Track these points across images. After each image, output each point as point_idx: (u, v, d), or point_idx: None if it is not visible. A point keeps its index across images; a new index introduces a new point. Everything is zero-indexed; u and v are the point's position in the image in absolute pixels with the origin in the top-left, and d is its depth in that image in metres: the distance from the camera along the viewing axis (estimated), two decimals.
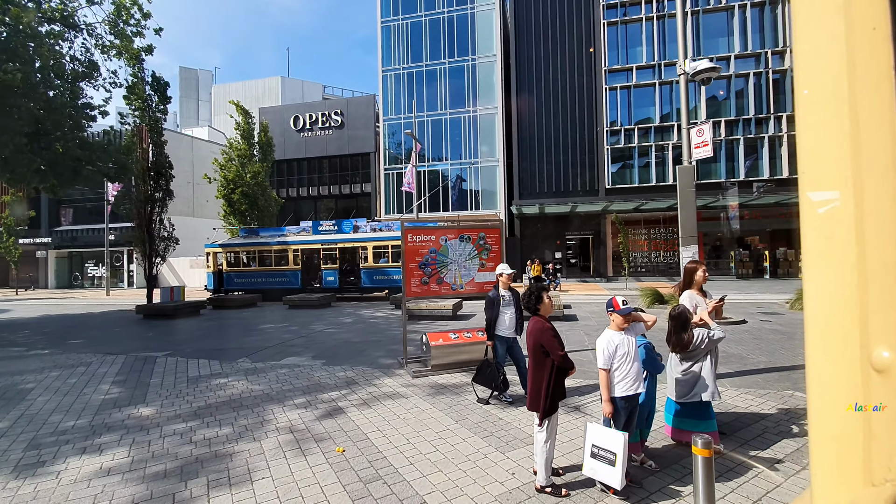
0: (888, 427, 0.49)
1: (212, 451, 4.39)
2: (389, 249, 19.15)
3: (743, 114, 25.08)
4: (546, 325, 3.73)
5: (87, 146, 14.89)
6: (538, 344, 3.65)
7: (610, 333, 3.61)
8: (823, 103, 0.55)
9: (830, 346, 0.55)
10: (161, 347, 9.45)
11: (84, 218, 34.23)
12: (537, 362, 3.68)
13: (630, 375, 3.53)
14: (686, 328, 4.05)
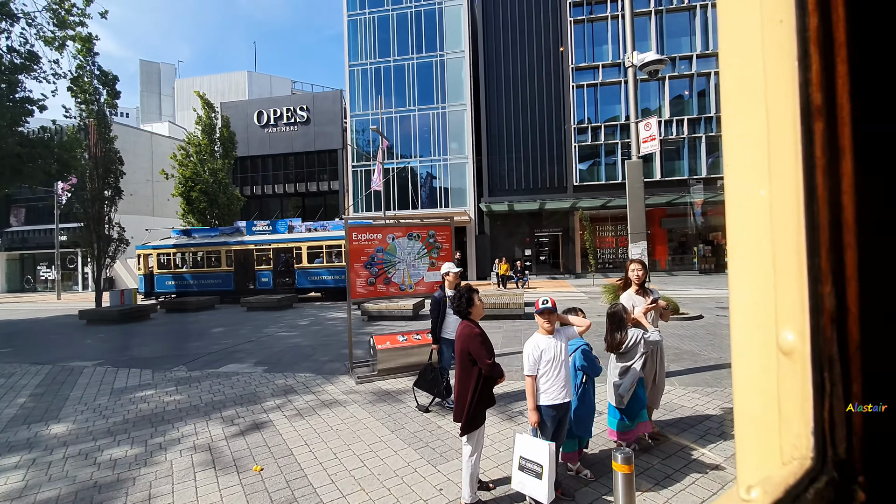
0: (794, 408, 0.52)
1: (115, 473, 3.98)
2: (324, 250, 18.94)
3: (705, 112, 25.60)
4: (475, 330, 3.47)
5: (26, 142, 13.91)
6: (466, 350, 3.39)
7: (537, 337, 3.39)
8: (740, 97, 0.58)
9: (747, 331, 0.58)
10: (94, 356, 8.81)
11: (36, 218, 32.36)
12: (464, 369, 3.41)
13: (557, 382, 3.31)
14: (620, 327, 3.87)
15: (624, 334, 3.85)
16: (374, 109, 27.55)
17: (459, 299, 3.59)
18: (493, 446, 4.25)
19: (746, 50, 0.57)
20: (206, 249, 20.32)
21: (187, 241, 20.71)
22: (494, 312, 11.25)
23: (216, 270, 20.21)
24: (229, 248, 20.05)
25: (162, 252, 20.70)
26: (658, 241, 27.79)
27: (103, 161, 16.41)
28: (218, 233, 21.11)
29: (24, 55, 13.87)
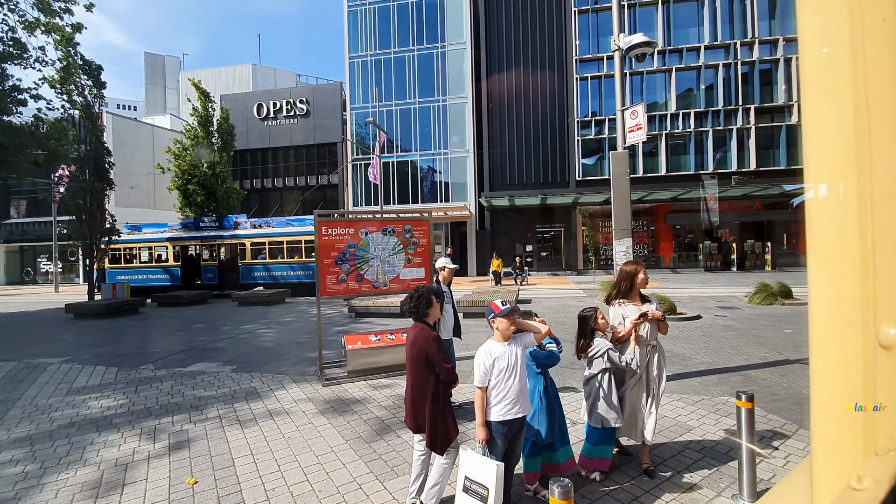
0: (894, 398, 0.53)
1: (39, 484, 3.67)
2: (266, 246, 19.36)
3: (712, 105, 24.89)
4: (433, 333, 3.20)
5: (10, 132, 13.70)
6: (422, 355, 3.10)
7: (490, 345, 2.98)
8: (828, 94, 0.57)
9: (834, 327, 0.59)
10: (65, 352, 8.58)
11: (36, 210, 32.45)
12: (419, 377, 3.14)
13: (510, 396, 2.93)
14: (583, 333, 3.53)
15: (586, 342, 3.49)
16: (374, 102, 27.16)
17: (418, 299, 3.31)
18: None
19: (836, 46, 0.57)
20: (156, 245, 20.59)
21: (137, 237, 21.07)
22: (483, 310, 10.86)
23: (165, 265, 20.44)
24: (175, 244, 20.35)
25: (114, 248, 20.55)
26: (663, 238, 27.22)
27: (92, 152, 16.18)
28: (166, 227, 21.41)
29: (9, 42, 13.62)
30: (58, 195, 22.94)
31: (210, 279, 19.93)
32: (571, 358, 6.07)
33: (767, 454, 3.82)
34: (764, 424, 4.42)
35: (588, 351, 3.49)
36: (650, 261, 27.08)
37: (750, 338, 8.26)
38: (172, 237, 20.52)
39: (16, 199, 34.11)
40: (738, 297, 13.85)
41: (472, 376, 3.53)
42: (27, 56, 14.47)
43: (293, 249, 19.25)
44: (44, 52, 14.47)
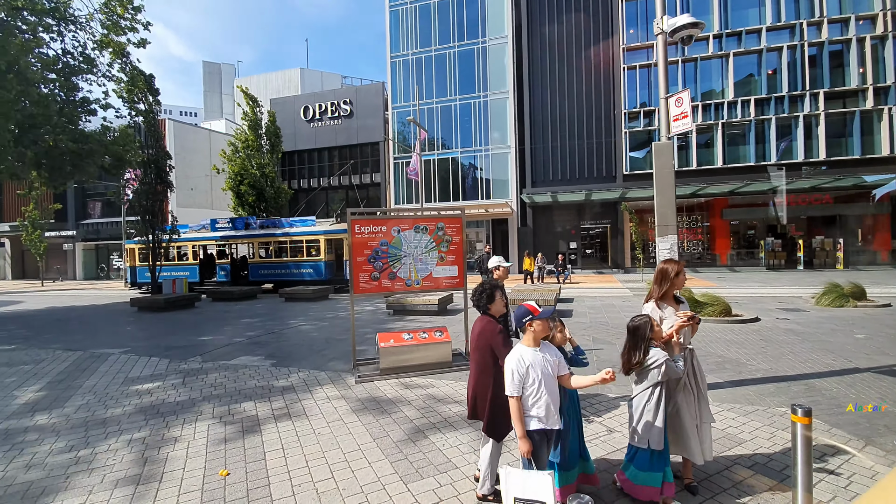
0: None
1: (88, 467, 3.91)
2: (272, 245, 20.65)
3: (775, 91, 23.09)
4: (497, 325, 3.28)
5: (80, 139, 14.86)
6: (487, 346, 3.20)
7: (522, 350, 2.81)
8: None
9: None
10: (124, 343, 9.20)
11: (109, 211, 35.30)
12: (483, 367, 3.23)
13: (547, 404, 2.75)
14: (637, 346, 3.09)
15: (642, 354, 3.09)
16: (415, 100, 27.35)
17: (480, 294, 3.43)
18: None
19: None
20: (177, 244, 21.87)
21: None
22: None
23: (185, 264, 21.98)
24: (195, 244, 22.07)
25: (143, 247, 21.48)
26: (719, 234, 25.64)
27: (154, 157, 17.30)
28: (187, 229, 22.94)
29: (80, 59, 14.76)
30: (125, 197, 24.80)
31: (223, 276, 21.34)
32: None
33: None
34: (826, 440, 3.98)
35: (644, 362, 3.10)
36: (705, 259, 25.60)
37: (815, 343, 7.55)
38: (192, 238, 22.11)
39: (91, 201, 37.23)
40: (804, 298, 12.76)
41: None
42: (96, 71, 15.62)
43: (296, 248, 20.25)
44: (110, 67, 15.57)
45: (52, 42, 13.82)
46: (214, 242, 22.04)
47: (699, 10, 23.75)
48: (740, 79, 23.79)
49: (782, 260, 23.76)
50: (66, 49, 14.23)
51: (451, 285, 6.82)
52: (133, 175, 20.65)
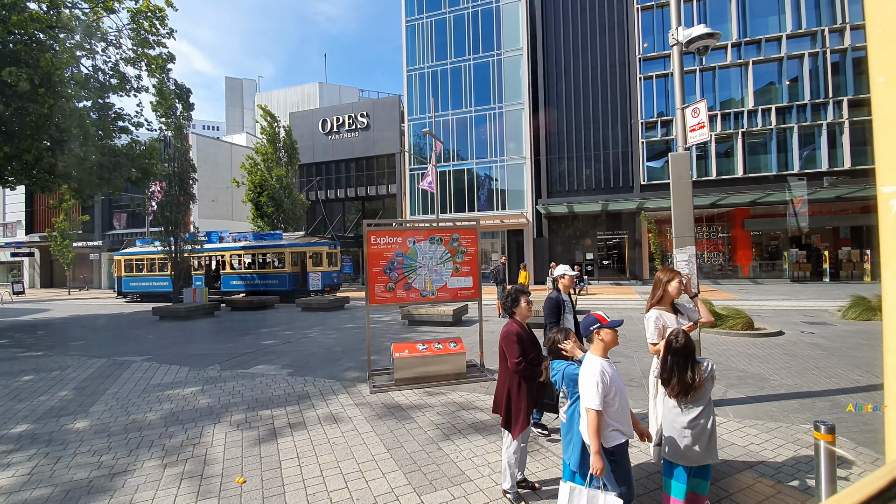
0: None
1: (110, 474, 4.01)
2: (243, 257, 22.00)
3: (797, 99, 22.67)
4: (514, 328, 3.44)
5: (109, 153, 15.39)
6: (502, 348, 3.46)
7: (597, 360, 2.68)
8: None
9: None
10: (146, 351, 9.42)
11: (134, 222, 36.34)
12: (504, 368, 3.51)
13: (625, 417, 2.69)
14: (689, 366, 2.89)
15: (699, 373, 2.88)
16: (431, 112, 27.65)
17: (507, 298, 3.64)
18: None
19: None
20: (156, 258, 23.20)
21: (143, 250, 24.00)
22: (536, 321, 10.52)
23: (164, 274, 22.76)
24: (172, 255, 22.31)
25: (127, 259, 24.25)
26: (740, 245, 25.08)
27: (179, 169, 17.83)
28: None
29: (113, 75, 15.34)
30: (150, 209, 25.55)
31: (198, 287, 21.61)
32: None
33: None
34: (852, 457, 3.85)
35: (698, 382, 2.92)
36: (726, 270, 25.04)
37: (841, 358, 7.31)
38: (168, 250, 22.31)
39: (118, 213, 38.40)
40: (830, 311, 12.37)
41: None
42: (128, 87, 16.19)
43: (264, 261, 21.52)
44: (139, 80, 16.13)
45: (83, 59, 14.40)
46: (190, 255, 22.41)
47: (717, 19, 23.58)
48: (760, 87, 23.44)
49: (807, 272, 23.09)
50: (96, 66, 14.83)
51: (465, 296, 6.83)
52: (158, 187, 21.35)
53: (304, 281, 20.99)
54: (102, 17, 14.84)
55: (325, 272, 20.64)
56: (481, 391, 6.03)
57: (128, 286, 24.18)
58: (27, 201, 40.83)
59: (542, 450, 4.29)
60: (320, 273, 20.18)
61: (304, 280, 20.92)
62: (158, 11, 15.44)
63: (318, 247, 21.46)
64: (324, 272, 20.56)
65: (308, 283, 20.26)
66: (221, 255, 22.31)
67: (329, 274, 21.24)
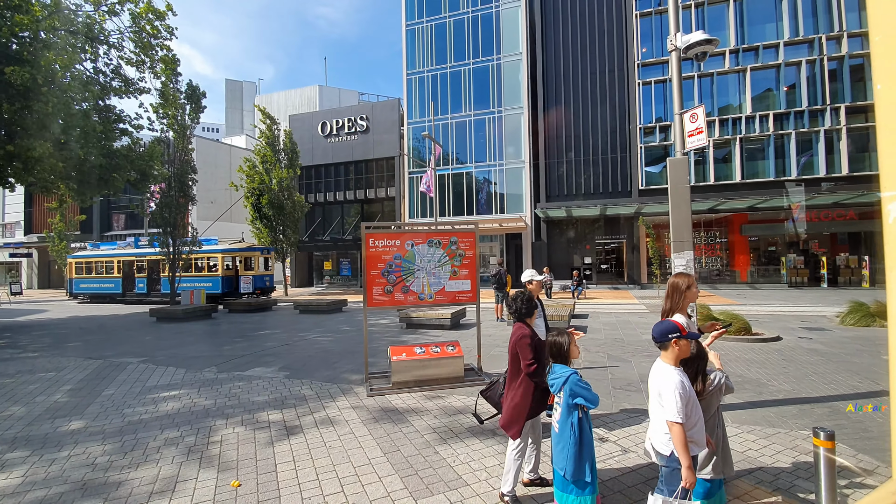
0: None
1: (105, 476, 3.98)
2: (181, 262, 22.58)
3: (795, 106, 22.79)
4: (527, 331, 3.41)
5: (110, 154, 15.36)
6: (514, 351, 3.41)
7: (673, 371, 2.55)
8: None
9: None
10: (143, 353, 9.38)
11: (132, 223, 36.27)
12: (513, 369, 3.47)
13: (702, 427, 2.62)
14: (700, 372, 2.86)
15: (707, 384, 2.89)
16: (430, 116, 27.71)
17: (520, 301, 3.60)
18: None
19: None
20: (104, 260, 24.72)
21: (94, 253, 25.34)
22: None
23: (111, 276, 24.48)
24: (119, 259, 24.43)
25: (78, 262, 25.51)
26: (738, 251, 25.16)
27: (178, 171, 17.80)
28: (115, 245, 25.96)
29: (114, 77, 15.34)
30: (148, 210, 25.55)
31: (141, 289, 23.66)
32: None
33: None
34: (852, 465, 3.84)
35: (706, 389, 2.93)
36: (724, 275, 25.10)
37: (839, 364, 7.31)
38: (118, 254, 24.60)
39: (116, 214, 38.36)
40: (828, 317, 12.39)
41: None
42: (131, 89, 16.15)
43: (199, 265, 22.40)
44: (142, 81, 16.13)
45: (85, 61, 14.40)
46: (135, 258, 24.20)
47: (715, 26, 23.73)
48: (758, 93, 23.57)
49: (805, 277, 23.14)
50: (97, 68, 14.83)
51: (463, 299, 6.82)
52: (157, 189, 21.37)
53: (237, 284, 21.94)
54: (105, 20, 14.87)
55: (256, 275, 22.06)
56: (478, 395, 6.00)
57: (78, 287, 25.44)
58: (26, 202, 40.76)
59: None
60: (251, 276, 21.71)
61: (237, 283, 21.95)
62: (159, 15, 15.47)
63: (250, 252, 22.62)
64: (255, 275, 22.02)
65: (239, 287, 21.65)
66: (159, 260, 23.14)
67: (261, 277, 22.55)
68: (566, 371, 2.97)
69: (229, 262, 21.89)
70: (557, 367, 3.06)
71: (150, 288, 23.53)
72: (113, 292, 24.32)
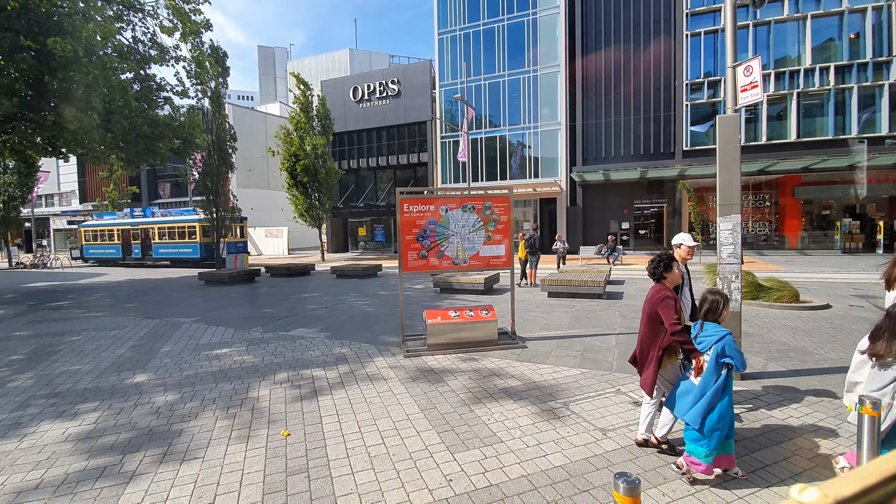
0: None
1: (168, 424, 4.36)
2: (167, 230, 25.75)
3: (858, 57, 20.74)
4: (668, 291, 3.51)
5: (153, 123, 15.88)
6: (654, 312, 3.48)
7: None
8: None
9: None
10: (194, 313, 10.00)
11: (177, 192, 37.84)
12: (651, 331, 3.54)
13: None
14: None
15: None
16: (462, 78, 26.96)
17: (658, 263, 3.66)
18: None
19: None
20: (106, 229, 28.22)
21: (99, 223, 29.11)
22: (569, 290, 10.47)
23: (113, 243, 27.92)
24: (119, 228, 27.79)
25: (87, 230, 29.30)
26: (789, 214, 23.78)
27: (218, 138, 18.26)
28: (115, 216, 29.44)
29: (152, 46, 15.63)
30: (192, 178, 26.52)
31: (136, 254, 27.03)
32: None
33: None
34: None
35: None
36: (772, 241, 23.89)
37: None
38: (117, 223, 28.06)
39: (162, 182, 40.05)
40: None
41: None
42: (167, 57, 16.47)
43: (182, 233, 25.12)
44: (177, 49, 16.38)
45: (123, 31, 14.70)
46: (130, 227, 27.35)
47: None
48: (819, 43, 21.52)
49: (860, 243, 21.72)
50: (136, 38, 15.14)
51: (497, 264, 6.84)
52: (199, 157, 22.11)
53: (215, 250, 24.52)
54: None
55: (230, 242, 24.54)
56: (513, 358, 6.11)
57: (88, 252, 29.20)
58: (79, 171, 43.07)
59: None
60: (226, 243, 23.96)
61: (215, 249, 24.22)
62: None
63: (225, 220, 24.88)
64: (229, 242, 24.49)
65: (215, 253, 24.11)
66: (152, 228, 26.28)
67: (235, 244, 25.13)
68: (720, 331, 3.12)
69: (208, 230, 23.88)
70: (710, 326, 3.18)
71: (144, 254, 26.84)
72: (115, 257, 27.87)
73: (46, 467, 3.61)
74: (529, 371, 5.57)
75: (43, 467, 3.62)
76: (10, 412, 4.74)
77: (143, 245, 26.85)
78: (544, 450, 3.68)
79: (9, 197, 27.10)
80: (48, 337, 8.08)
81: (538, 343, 6.80)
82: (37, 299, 13.36)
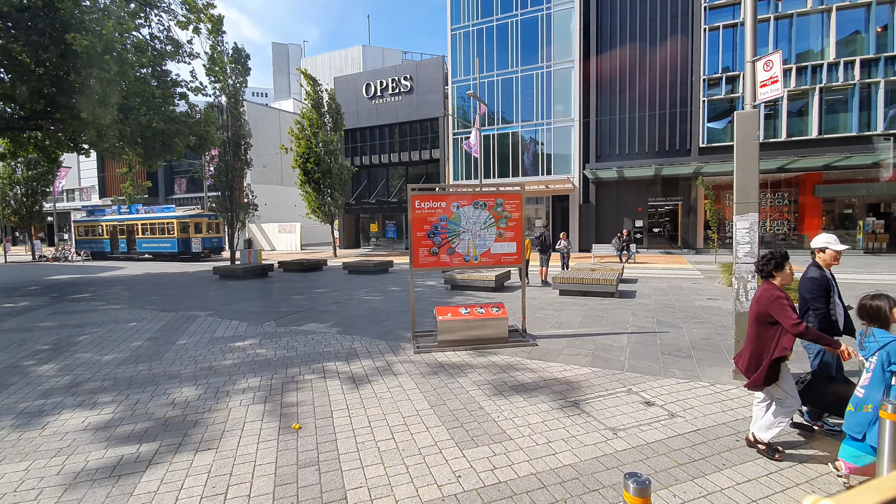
0: None
1: (183, 415, 4.45)
2: (148, 226, 27.43)
3: (886, 50, 20.13)
4: (779, 291, 3.37)
5: (171, 120, 16.13)
6: (765, 312, 3.35)
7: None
8: None
9: None
10: (209, 307, 10.16)
11: (193, 187, 38.42)
12: (762, 331, 3.41)
13: None
14: None
15: None
16: (475, 74, 26.84)
17: (769, 259, 3.51)
18: None
19: None
20: (95, 225, 30.05)
21: (89, 218, 30.89)
22: (580, 288, 10.40)
23: (101, 238, 29.77)
24: (105, 224, 29.61)
25: (80, 225, 31.09)
26: (809, 213, 23.24)
27: (234, 135, 18.48)
28: (105, 212, 31.04)
29: (168, 42, 15.86)
30: (208, 174, 26.91)
31: (123, 249, 28.71)
32: None
33: None
34: None
35: None
36: (791, 240, 23.40)
37: None
38: (105, 220, 29.76)
39: (178, 178, 40.70)
40: None
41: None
42: (182, 52, 16.70)
43: (161, 228, 26.71)
44: (191, 45, 16.60)
45: (140, 28, 14.94)
46: (117, 223, 29.00)
47: None
48: (844, 37, 20.94)
49: (884, 243, 21.15)
50: (152, 34, 15.38)
51: (508, 262, 6.82)
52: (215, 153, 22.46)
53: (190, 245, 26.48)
54: None
55: (205, 238, 26.78)
56: (523, 356, 6.10)
57: (81, 246, 30.75)
58: (99, 167, 43.98)
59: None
60: (201, 238, 26.44)
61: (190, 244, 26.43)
62: None
63: (199, 218, 27.06)
64: (204, 238, 26.77)
65: (191, 247, 26.16)
66: (136, 224, 28.10)
67: (209, 239, 27.33)
68: (889, 337, 2.98)
69: (184, 226, 26.10)
70: (878, 332, 3.05)
71: (129, 248, 28.53)
72: (104, 251, 29.61)
73: (67, 454, 3.72)
74: (540, 369, 5.56)
75: (64, 454, 3.72)
76: (34, 400, 4.89)
77: (128, 240, 28.74)
78: (554, 448, 3.67)
79: (31, 191, 27.92)
80: (70, 328, 8.29)
81: (549, 341, 6.77)
82: (59, 291, 13.70)
